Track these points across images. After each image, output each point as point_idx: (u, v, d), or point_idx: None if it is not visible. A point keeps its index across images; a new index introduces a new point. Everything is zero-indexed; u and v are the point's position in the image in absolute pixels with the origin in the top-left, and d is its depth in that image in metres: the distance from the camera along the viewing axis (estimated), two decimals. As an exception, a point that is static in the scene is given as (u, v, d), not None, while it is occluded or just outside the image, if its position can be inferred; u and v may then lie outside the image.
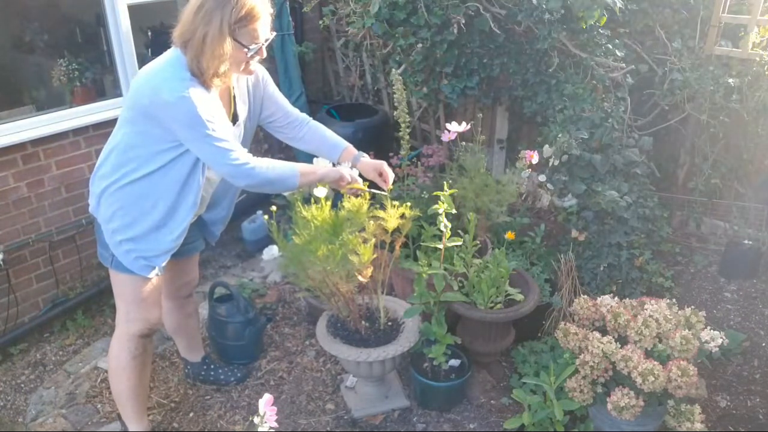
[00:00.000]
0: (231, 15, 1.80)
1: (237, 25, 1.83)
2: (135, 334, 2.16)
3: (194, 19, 1.82)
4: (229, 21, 1.81)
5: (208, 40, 1.81)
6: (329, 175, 2.16)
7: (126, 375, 2.22)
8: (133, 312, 2.15)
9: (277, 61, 4.06)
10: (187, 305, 2.59)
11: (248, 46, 1.88)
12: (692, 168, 3.77)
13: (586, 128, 3.08)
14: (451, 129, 2.86)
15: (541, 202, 3.64)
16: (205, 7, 1.81)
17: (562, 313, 2.88)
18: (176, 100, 1.81)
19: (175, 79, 1.84)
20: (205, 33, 1.81)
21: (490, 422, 2.55)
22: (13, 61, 3.24)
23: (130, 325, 2.16)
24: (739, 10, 3.51)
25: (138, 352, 2.20)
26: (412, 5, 3.24)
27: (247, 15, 1.84)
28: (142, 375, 2.27)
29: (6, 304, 3.02)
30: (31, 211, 3.05)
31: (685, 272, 3.58)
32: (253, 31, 1.88)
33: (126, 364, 2.20)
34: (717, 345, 2.27)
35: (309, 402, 2.67)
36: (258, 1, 1.87)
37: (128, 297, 2.13)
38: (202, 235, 2.39)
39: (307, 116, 2.37)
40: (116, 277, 2.12)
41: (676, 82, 3.41)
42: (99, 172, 2.05)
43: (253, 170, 1.95)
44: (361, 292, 2.49)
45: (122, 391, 2.27)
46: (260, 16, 1.87)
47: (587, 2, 2.87)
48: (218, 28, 1.80)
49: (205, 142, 1.87)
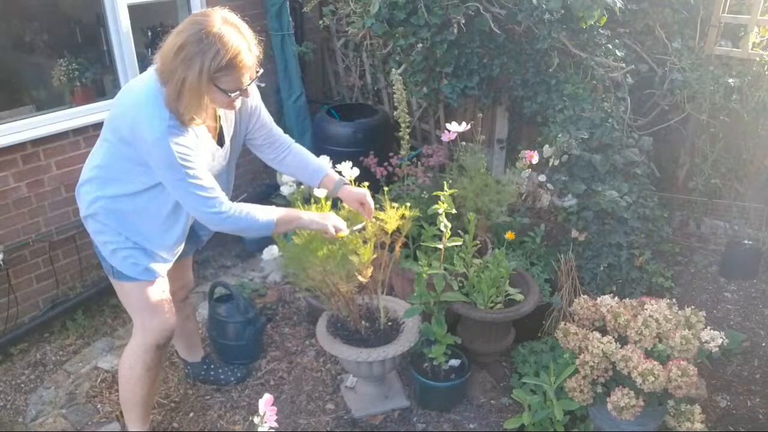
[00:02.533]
0: (212, 63, 1.67)
1: (218, 74, 1.71)
2: (152, 343, 2.13)
3: (174, 59, 1.70)
4: (209, 69, 1.68)
5: (186, 86, 1.70)
6: (312, 224, 2.06)
7: (139, 386, 2.21)
8: (147, 321, 2.12)
9: (277, 61, 4.06)
10: (184, 308, 2.58)
11: (230, 93, 1.78)
12: (692, 168, 3.77)
13: (586, 128, 3.08)
14: (451, 129, 2.86)
15: (541, 202, 3.64)
16: (185, 49, 1.68)
17: (562, 313, 2.88)
18: (153, 141, 1.75)
19: (154, 117, 1.75)
20: (184, 78, 1.69)
21: (490, 422, 2.55)
22: (13, 61, 3.24)
23: (147, 335, 2.13)
24: (739, 10, 3.51)
25: (153, 364, 2.18)
26: (412, 5, 3.24)
27: (229, 64, 1.70)
28: (153, 385, 2.27)
29: (6, 304, 3.02)
30: (31, 211, 3.05)
31: (685, 272, 3.58)
32: (237, 79, 1.76)
33: (140, 376, 2.19)
34: (717, 345, 2.26)
35: (309, 402, 2.67)
36: (242, 48, 1.72)
37: (137, 306, 2.11)
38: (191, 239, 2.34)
39: (290, 139, 2.27)
40: (121, 287, 2.10)
41: (676, 82, 3.41)
42: (83, 188, 2.03)
43: (228, 219, 1.89)
44: (361, 292, 2.49)
45: (131, 399, 2.26)
46: (243, 64, 1.73)
47: (587, 2, 2.87)
48: (197, 77, 1.68)
49: (182, 186, 1.82)
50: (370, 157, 3.25)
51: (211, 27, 1.68)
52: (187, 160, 1.79)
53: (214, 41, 1.67)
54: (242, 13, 1.84)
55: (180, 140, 1.78)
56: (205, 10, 1.78)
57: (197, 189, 1.83)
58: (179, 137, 1.78)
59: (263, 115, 2.16)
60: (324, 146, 3.78)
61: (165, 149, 1.76)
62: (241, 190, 4.20)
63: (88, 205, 2.01)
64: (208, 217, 1.89)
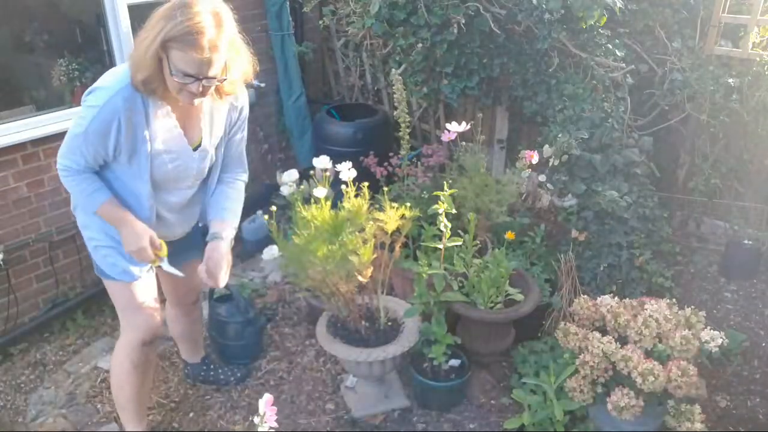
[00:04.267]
0: (170, 29, 1.63)
1: (171, 43, 1.65)
2: (137, 341, 2.13)
3: (148, 22, 1.71)
4: (165, 34, 1.64)
5: (143, 46, 1.68)
6: (127, 240, 1.92)
7: (128, 384, 2.22)
8: (131, 319, 2.12)
9: (277, 61, 4.06)
10: (193, 311, 2.58)
11: (173, 71, 1.69)
12: (692, 168, 3.77)
13: (586, 128, 3.08)
14: (451, 129, 2.86)
15: (541, 202, 3.64)
16: (157, 13, 1.69)
17: (562, 313, 2.87)
18: (90, 105, 1.77)
19: (105, 89, 1.76)
20: (144, 37, 1.68)
21: (490, 422, 2.55)
22: (13, 61, 3.24)
23: (130, 332, 2.13)
24: (739, 10, 3.50)
25: (140, 361, 2.17)
26: (412, 5, 3.24)
27: (182, 37, 1.63)
28: (144, 383, 2.27)
29: (6, 304, 3.02)
30: (31, 211, 3.04)
31: (685, 272, 3.57)
32: (186, 60, 1.66)
33: (128, 374, 2.19)
34: (717, 345, 2.26)
35: (309, 402, 2.67)
36: (206, 32, 1.64)
37: (121, 303, 2.11)
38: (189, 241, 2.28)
39: (232, 180, 2.15)
40: (108, 284, 2.10)
41: (676, 82, 3.41)
42: None
43: (64, 178, 1.91)
44: (361, 292, 2.48)
45: (122, 396, 2.27)
46: (198, 45, 1.64)
47: (587, 2, 2.87)
48: (153, 38, 1.65)
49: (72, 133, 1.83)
50: (370, 157, 3.25)
51: (191, 3, 1.67)
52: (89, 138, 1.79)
53: (183, 12, 1.64)
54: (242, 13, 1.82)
55: (101, 125, 1.76)
56: None
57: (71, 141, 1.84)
58: (102, 123, 1.76)
59: (237, 143, 2.11)
60: (324, 146, 3.78)
61: (88, 115, 1.77)
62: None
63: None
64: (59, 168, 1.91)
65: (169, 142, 1.90)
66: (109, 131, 1.78)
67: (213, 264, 2.00)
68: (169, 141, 1.90)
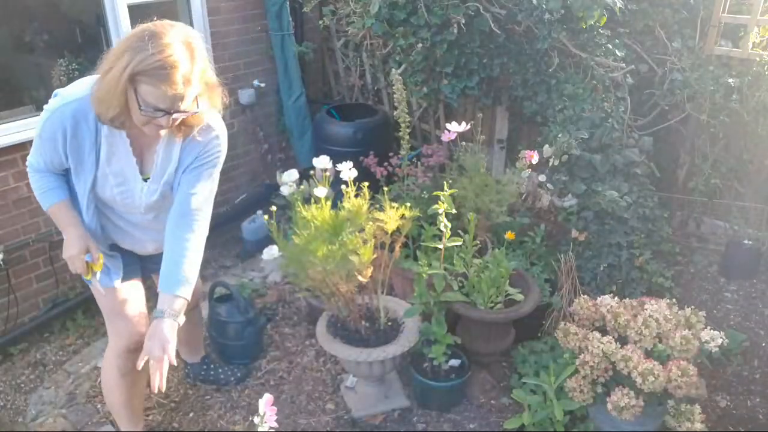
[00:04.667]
0: (139, 62, 1.55)
1: (140, 77, 1.57)
2: (121, 348, 2.10)
3: (113, 51, 1.64)
4: (133, 67, 1.55)
5: (108, 77, 1.60)
6: (64, 246, 1.92)
7: (118, 391, 2.20)
8: (115, 325, 2.10)
9: (277, 61, 4.06)
10: (193, 316, 2.58)
11: (142, 106, 1.61)
12: (692, 168, 3.77)
13: (586, 128, 3.08)
14: (451, 129, 2.86)
15: (541, 202, 3.64)
16: (125, 43, 1.61)
17: (562, 313, 2.87)
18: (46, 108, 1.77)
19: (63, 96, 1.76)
20: (109, 68, 1.60)
21: (490, 422, 2.55)
22: (13, 61, 3.24)
23: (115, 339, 2.11)
24: (739, 10, 3.50)
25: (127, 369, 2.11)
26: (412, 5, 3.24)
27: (153, 72, 1.55)
28: (134, 390, 2.24)
29: (6, 304, 3.02)
30: (31, 211, 3.04)
31: (685, 272, 3.57)
32: (156, 94, 1.58)
33: (116, 382, 2.17)
34: (717, 345, 2.26)
35: (309, 402, 2.67)
36: (178, 65, 1.57)
37: (105, 309, 2.10)
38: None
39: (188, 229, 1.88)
40: (92, 290, 2.08)
41: (676, 82, 3.41)
42: None
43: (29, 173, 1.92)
44: (361, 292, 2.49)
45: (114, 403, 2.27)
46: (170, 80, 1.56)
47: (587, 2, 2.87)
48: (120, 71, 1.56)
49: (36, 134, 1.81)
50: (370, 157, 3.25)
51: (161, 33, 1.59)
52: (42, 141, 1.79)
53: (153, 44, 1.56)
54: (242, 13, 1.80)
55: (49, 131, 1.76)
56: (174, 22, 1.69)
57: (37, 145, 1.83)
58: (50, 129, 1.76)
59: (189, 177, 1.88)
60: (324, 146, 3.78)
61: (42, 117, 1.78)
62: (240, 191, 4.21)
63: None
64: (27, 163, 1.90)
65: (117, 166, 1.83)
66: (56, 138, 1.77)
67: (156, 348, 1.73)
68: (117, 165, 1.83)
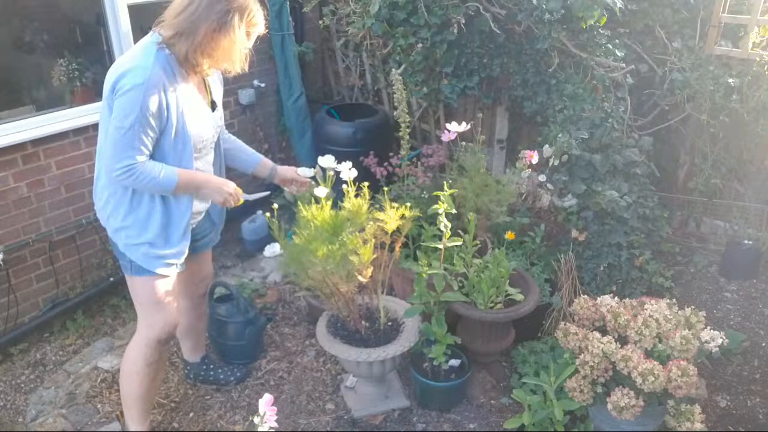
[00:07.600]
0: (250, 18, 1.92)
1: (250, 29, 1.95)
2: (155, 339, 2.17)
3: (195, 10, 1.84)
4: (248, 23, 1.92)
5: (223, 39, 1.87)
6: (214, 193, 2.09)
7: (139, 380, 2.24)
8: (151, 316, 2.16)
9: (277, 61, 4.06)
10: (201, 305, 2.61)
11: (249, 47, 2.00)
12: (692, 168, 3.77)
13: (586, 128, 3.08)
14: (451, 129, 2.86)
15: (541, 202, 3.64)
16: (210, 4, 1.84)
17: (562, 313, 2.88)
18: (131, 87, 1.81)
19: (140, 67, 1.84)
20: (214, 28, 1.85)
21: (490, 422, 2.55)
22: (13, 61, 3.24)
23: (150, 330, 2.17)
24: (739, 10, 3.51)
25: (153, 359, 2.21)
26: (412, 5, 3.24)
27: (256, 22, 1.96)
28: (154, 381, 2.30)
29: (6, 304, 3.02)
30: (31, 211, 3.04)
31: (685, 272, 3.58)
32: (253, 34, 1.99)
33: (140, 370, 2.22)
34: (717, 345, 2.27)
35: (309, 402, 2.67)
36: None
37: (146, 300, 2.15)
38: (214, 228, 2.41)
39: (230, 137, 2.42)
40: (134, 281, 2.13)
41: (676, 82, 3.41)
42: (99, 183, 2.06)
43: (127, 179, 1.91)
44: (361, 292, 2.49)
45: (131, 394, 2.28)
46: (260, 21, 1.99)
47: (587, 2, 2.87)
48: (236, 29, 1.87)
49: (118, 134, 1.84)
50: (370, 157, 3.25)
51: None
52: (144, 116, 1.83)
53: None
54: (242, 12, 1.91)
55: (153, 98, 1.83)
56: None
57: (128, 139, 1.85)
58: (153, 95, 1.83)
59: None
60: (324, 146, 3.78)
61: (136, 97, 1.81)
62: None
63: (105, 203, 2.06)
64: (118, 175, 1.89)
65: (192, 104, 2.00)
66: (160, 100, 1.86)
67: (291, 171, 2.42)
68: (194, 104, 2.01)
